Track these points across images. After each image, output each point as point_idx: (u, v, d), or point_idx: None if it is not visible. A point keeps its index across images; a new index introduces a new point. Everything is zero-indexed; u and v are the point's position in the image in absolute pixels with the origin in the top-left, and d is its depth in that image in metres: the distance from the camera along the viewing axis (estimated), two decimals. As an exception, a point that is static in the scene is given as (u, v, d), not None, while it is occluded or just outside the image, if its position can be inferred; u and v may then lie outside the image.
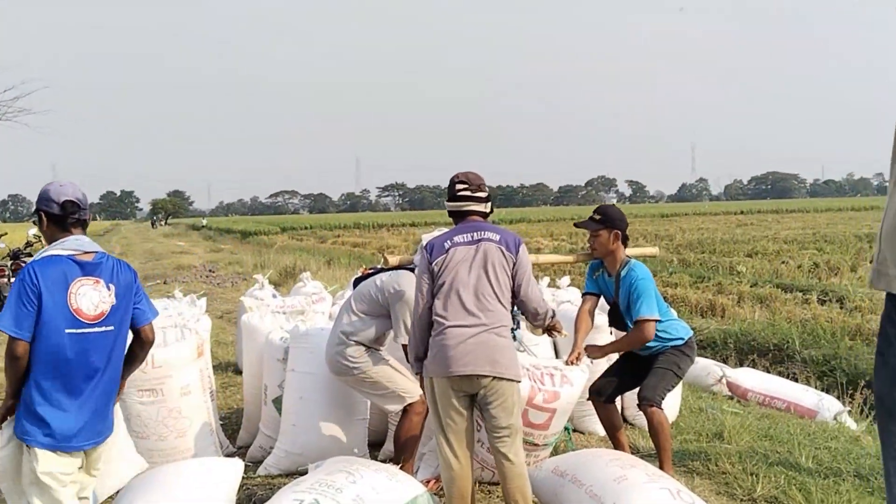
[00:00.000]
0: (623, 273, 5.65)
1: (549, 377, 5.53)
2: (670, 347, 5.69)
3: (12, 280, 15.64)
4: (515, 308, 4.93)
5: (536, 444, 5.53)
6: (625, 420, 7.11)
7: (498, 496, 5.41)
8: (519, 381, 4.65)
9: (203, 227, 75.17)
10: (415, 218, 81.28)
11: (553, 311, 4.99)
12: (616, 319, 5.88)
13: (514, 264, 4.70)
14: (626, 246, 5.77)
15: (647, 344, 5.68)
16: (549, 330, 5.18)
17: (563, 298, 7.73)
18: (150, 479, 4.74)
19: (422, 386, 5.00)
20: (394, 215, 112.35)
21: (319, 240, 48.76)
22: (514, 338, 5.50)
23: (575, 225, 5.96)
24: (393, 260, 5.61)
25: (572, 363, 5.62)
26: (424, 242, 4.95)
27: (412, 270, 5.35)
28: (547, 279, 8.68)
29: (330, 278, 14.71)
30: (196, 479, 4.60)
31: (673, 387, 5.75)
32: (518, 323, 5.43)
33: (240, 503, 5.10)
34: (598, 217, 5.75)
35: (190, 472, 4.72)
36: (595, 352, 5.80)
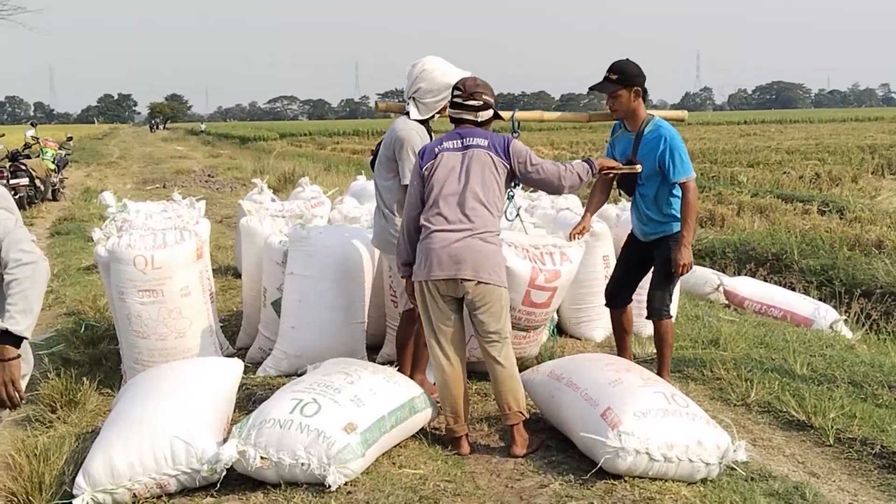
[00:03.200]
0: (647, 130, 5.30)
1: (549, 256, 5.56)
2: (669, 237, 5.36)
3: (11, 181, 15.61)
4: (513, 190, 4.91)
5: (528, 328, 5.64)
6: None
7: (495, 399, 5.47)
8: (505, 287, 4.67)
9: (202, 132, 74.47)
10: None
11: (587, 160, 4.97)
12: (626, 179, 5.50)
13: (509, 164, 4.67)
14: (645, 101, 5.40)
15: (649, 227, 5.43)
16: (618, 179, 5.28)
17: (562, 206, 7.70)
18: (151, 377, 4.79)
19: (409, 292, 5.00)
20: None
21: (318, 146, 48.41)
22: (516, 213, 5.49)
23: (590, 89, 5.52)
24: (382, 105, 5.67)
25: (575, 237, 5.58)
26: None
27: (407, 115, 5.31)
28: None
29: (329, 184, 14.64)
30: (197, 378, 4.64)
31: (674, 287, 5.59)
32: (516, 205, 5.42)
33: (240, 403, 5.16)
34: (614, 76, 5.28)
35: (191, 371, 4.76)
36: (684, 254, 5.21)
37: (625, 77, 5.27)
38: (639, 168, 5.27)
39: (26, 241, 3.36)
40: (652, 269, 5.55)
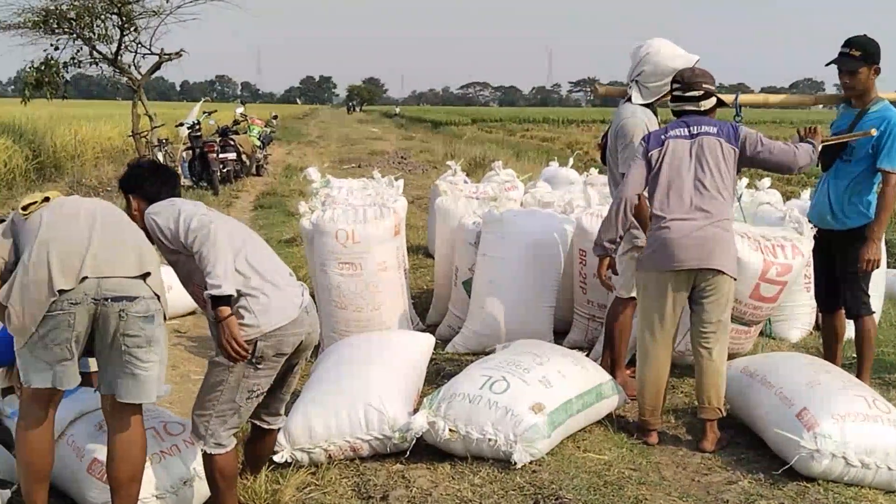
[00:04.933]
0: (874, 109, 5.02)
1: (781, 249, 5.43)
2: (854, 231, 5.06)
3: (220, 156, 16.47)
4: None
5: (750, 324, 5.56)
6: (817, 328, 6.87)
7: (682, 392, 5.41)
8: (735, 279, 4.58)
9: (396, 115, 76.23)
10: (606, 114, 78.84)
11: (807, 141, 4.81)
12: (829, 155, 5.14)
13: (739, 150, 4.56)
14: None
15: (831, 213, 5.15)
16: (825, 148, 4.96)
17: (763, 200, 7.45)
18: (348, 345, 5.01)
19: (602, 271, 4.77)
20: (584, 111, 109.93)
21: (508, 133, 48.55)
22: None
23: (827, 64, 5.16)
24: (602, 90, 5.54)
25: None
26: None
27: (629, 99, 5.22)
28: (745, 180, 8.38)
29: (518, 170, 14.67)
30: (391, 349, 4.82)
31: (867, 282, 5.23)
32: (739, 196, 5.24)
33: (429, 376, 5.30)
34: (857, 52, 5.00)
35: (386, 343, 4.95)
36: (871, 250, 4.98)
37: (867, 54, 5.03)
38: (873, 132, 4.92)
39: (194, 218, 3.53)
40: (839, 267, 5.23)
